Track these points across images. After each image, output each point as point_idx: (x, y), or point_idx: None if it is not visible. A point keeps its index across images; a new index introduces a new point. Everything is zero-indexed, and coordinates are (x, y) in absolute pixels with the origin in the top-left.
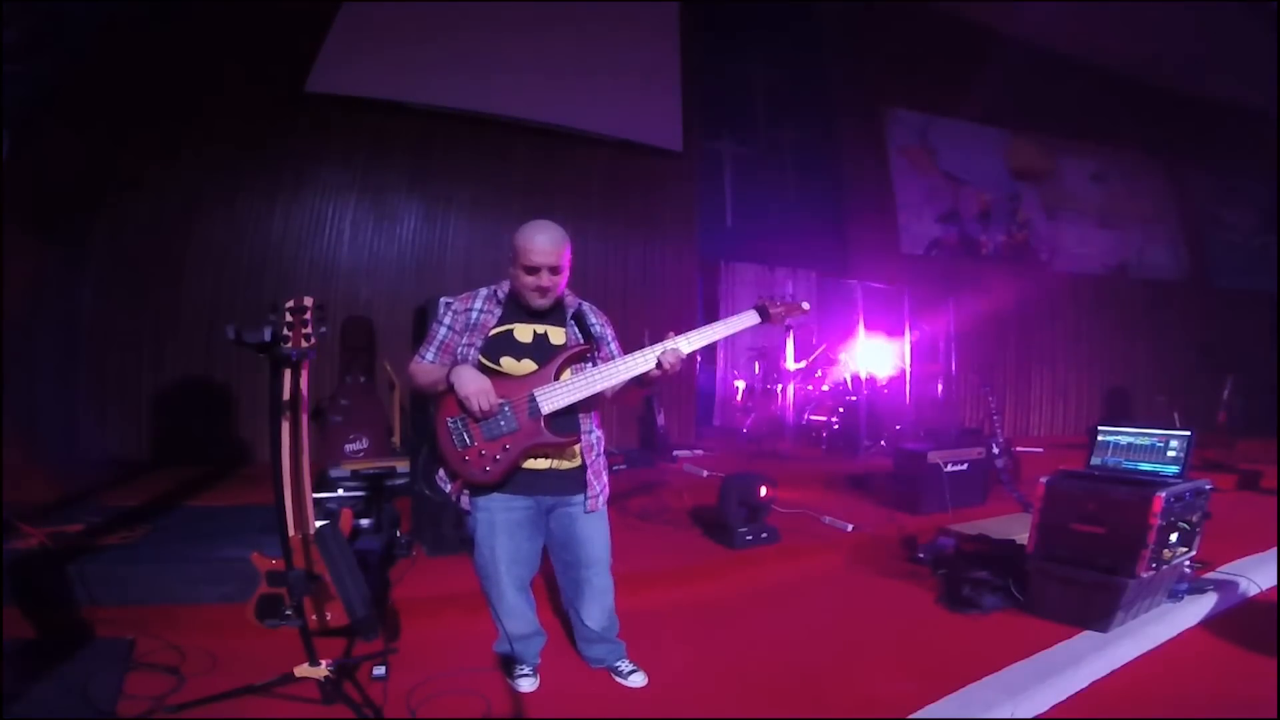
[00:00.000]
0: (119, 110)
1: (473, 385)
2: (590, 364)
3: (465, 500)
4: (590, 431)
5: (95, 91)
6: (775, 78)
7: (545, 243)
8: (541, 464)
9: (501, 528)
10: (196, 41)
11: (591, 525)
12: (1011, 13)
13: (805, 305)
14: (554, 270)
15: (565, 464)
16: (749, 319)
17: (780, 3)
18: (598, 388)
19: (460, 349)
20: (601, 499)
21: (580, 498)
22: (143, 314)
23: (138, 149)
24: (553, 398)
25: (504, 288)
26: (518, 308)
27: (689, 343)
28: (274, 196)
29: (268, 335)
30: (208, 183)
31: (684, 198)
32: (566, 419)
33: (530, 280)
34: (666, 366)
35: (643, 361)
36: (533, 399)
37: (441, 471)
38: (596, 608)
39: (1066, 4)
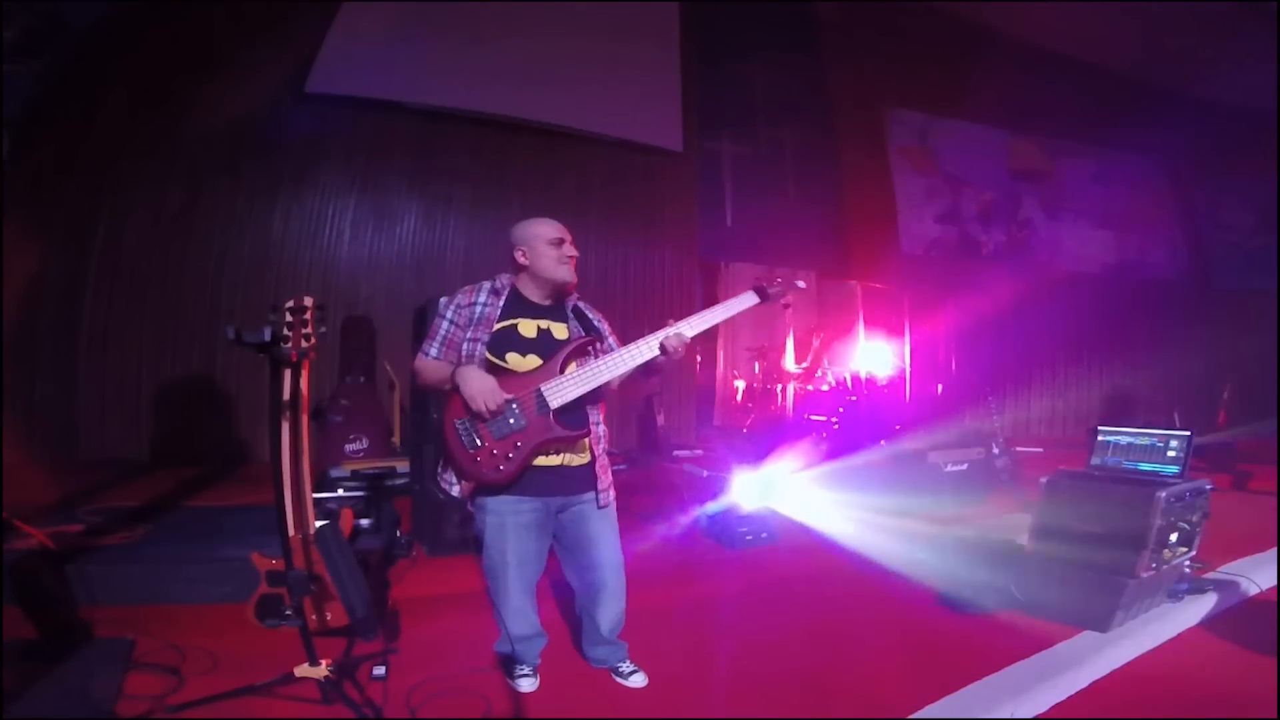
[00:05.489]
0: (119, 110)
1: (477, 385)
2: (593, 356)
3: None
4: (597, 424)
5: (95, 92)
6: (775, 78)
7: (555, 222)
8: (553, 460)
9: (511, 530)
10: (197, 42)
11: (603, 524)
12: (1011, 13)
13: (801, 283)
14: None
15: (576, 459)
16: (747, 300)
17: (780, 3)
18: (604, 378)
19: (465, 344)
20: (611, 493)
21: (590, 495)
22: (143, 314)
23: (138, 149)
24: (560, 391)
25: (503, 281)
26: (519, 302)
27: (690, 327)
28: (274, 196)
29: (268, 335)
30: (208, 183)
31: (684, 198)
32: (575, 412)
33: (558, 253)
34: (671, 350)
35: (646, 349)
36: (540, 394)
37: (449, 474)
38: (611, 611)
39: (1066, 4)
